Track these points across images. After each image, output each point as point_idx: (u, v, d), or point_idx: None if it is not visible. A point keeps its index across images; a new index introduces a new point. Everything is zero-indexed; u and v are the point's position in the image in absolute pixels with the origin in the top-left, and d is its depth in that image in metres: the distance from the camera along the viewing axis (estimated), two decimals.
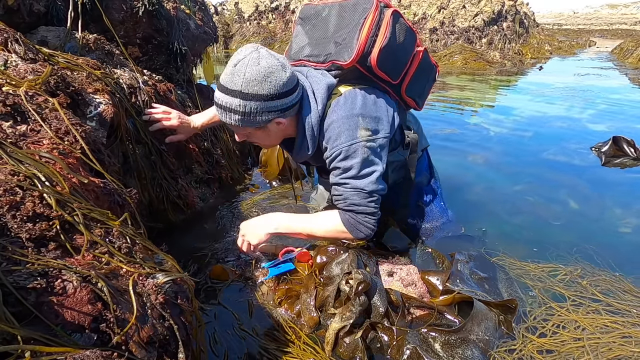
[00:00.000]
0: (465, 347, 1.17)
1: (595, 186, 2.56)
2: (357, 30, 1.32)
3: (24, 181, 0.79)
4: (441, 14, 11.23)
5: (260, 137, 1.38)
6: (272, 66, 1.21)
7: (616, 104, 5.20)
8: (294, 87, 1.29)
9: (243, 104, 1.22)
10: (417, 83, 1.51)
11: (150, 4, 1.97)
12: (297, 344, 1.22)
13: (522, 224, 2.07)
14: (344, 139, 1.31)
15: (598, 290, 1.52)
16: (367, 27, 1.30)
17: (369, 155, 1.33)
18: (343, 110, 1.32)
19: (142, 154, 1.69)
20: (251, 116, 1.25)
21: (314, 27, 1.46)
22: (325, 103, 1.35)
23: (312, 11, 1.48)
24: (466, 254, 1.62)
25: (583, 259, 1.73)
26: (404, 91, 1.49)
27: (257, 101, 1.22)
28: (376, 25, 1.31)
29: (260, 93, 1.21)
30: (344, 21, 1.37)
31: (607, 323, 1.37)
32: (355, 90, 1.36)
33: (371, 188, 1.34)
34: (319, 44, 1.43)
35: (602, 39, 20.50)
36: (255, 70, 1.19)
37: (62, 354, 0.59)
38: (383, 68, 1.36)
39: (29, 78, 1.13)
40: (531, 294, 1.49)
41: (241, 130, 1.35)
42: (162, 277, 0.84)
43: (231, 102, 1.23)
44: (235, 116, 1.25)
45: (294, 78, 1.28)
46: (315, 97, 1.34)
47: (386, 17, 1.32)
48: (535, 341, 1.28)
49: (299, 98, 1.32)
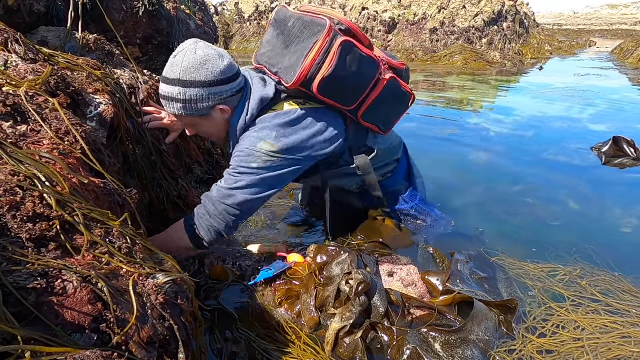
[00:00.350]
0: (465, 347, 1.17)
1: (595, 186, 2.56)
2: (304, 54, 1.30)
3: (24, 181, 0.79)
4: (441, 14, 11.23)
5: (207, 126, 1.41)
6: (208, 54, 1.27)
7: (616, 103, 5.20)
8: (234, 75, 1.33)
9: (183, 91, 1.28)
10: (378, 109, 1.49)
11: (150, 4, 1.97)
12: (297, 344, 1.22)
13: (521, 223, 2.08)
14: (246, 143, 1.35)
15: (597, 290, 1.53)
16: (313, 54, 1.29)
17: (261, 171, 1.34)
18: (263, 123, 1.36)
19: (142, 154, 1.69)
20: (192, 103, 1.29)
21: (278, 36, 1.44)
22: (255, 114, 1.37)
23: (282, 16, 1.44)
24: (466, 253, 1.62)
25: (582, 258, 1.73)
26: (359, 116, 1.48)
27: (195, 87, 1.27)
28: (324, 52, 1.29)
29: (198, 79, 1.26)
30: (300, 38, 1.35)
31: (607, 323, 1.37)
32: (294, 111, 1.38)
33: (240, 199, 1.35)
34: (277, 55, 1.41)
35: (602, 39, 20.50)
36: (192, 59, 1.25)
37: (62, 354, 0.59)
38: (327, 95, 1.35)
39: (29, 78, 1.13)
40: (530, 294, 1.50)
41: (187, 120, 1.39)
42: (162, 277, 0.84)
43: (171, 91, 1.29)
44: (177, 104, 1.30)
45: (233, 67, 1.33)
46: (247, 105, 1.37)
47: (334, 47, 1.29)
48: (535, 341, 1.28)
49: (240, 87, 1.36)
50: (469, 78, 7.59)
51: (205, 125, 1.41)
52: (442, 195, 2.33)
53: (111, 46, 1.77)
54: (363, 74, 1.40)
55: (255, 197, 1.37)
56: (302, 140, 1.38)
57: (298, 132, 1.37)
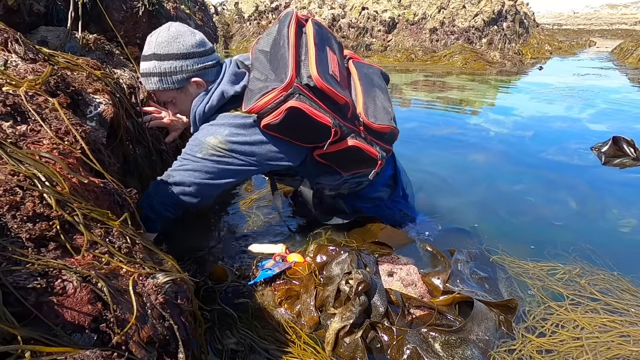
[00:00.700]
0: (465, 347, 1.17)
1: (595, 186, 2.56)
2: (263, 93, 1.31)
3: (24, 181, 0.79)
4: (441, 14, 11.23)
5: (185, 102, 1.45)
6: (180, 30, 1.36)
7: (616, 103, 5.20)
8: (207, 50, 1.40)
9: (158, 65, 1.35)
10: (335, 158, 1.51)
11: (150, 4, 1.97)
12: (298, 343, 1.22)
13: (521, 223, 2.08)
14: (200, 133, 1.41)
15: (597, 290, 1.53)
16: (267, 99, 1.30)
17: (205, 161, 1.38)
18: (221, 120, 1.40)
19: (142, 154, 1.69)
20: (167, 76, 1.37)
21: (274, 45, 1.41)
22: (215, 105, 1.41)
23: (285, 27, 1.41)
24: (466, 252, 1.62)
25: (582, 258, 1.74)
26: (315, 155, 1.49)
27: (169, 60, 1.35)
28: (275, 104, 1.30)
29: (171, 52, 1.34)
30: (275, 69, 1.35)
31: (606, 322, 1.37)
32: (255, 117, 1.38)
33: (178, 179, 1.39)
34: (261, 65, 1.40)
35: (602, 39, 20.50)
36: (166, 34, 1.34)
37: (62, 354, 0.59)
38: (276, 132, 1.38)
39: (29, 78, 1.13)
40: (530, 293, 1.50)
41: (165, 96, 1.45)
42: (162, 277, 0.84)
43: (148, 66, 1.37)
44: (154, 79, 1.38)
45: (205, 43, 1.41)
46: (210, 95, 1.41)
47: (282, 107, 1.29)
48: (534, 341, 1.28)
49: (215, 63, 1.42)
50: (469, 78, 7.59)
51: (183, 101, 1.46)
52: (442, 195, 2.33)
53: (111, 46, 1.77)
54: (315, 135, 1.40)
55: (197, 180, 1.39)
56: (252, 145, 1.39)
57: (251, 136, 1.39)
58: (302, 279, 1.42)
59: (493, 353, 1.20)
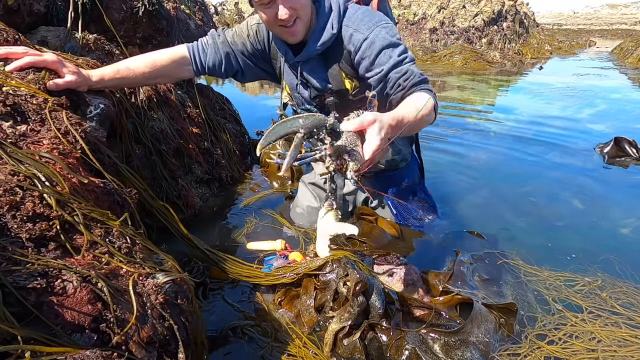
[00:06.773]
0: (464, 349, 1.17)
1: (601, 186, 2.53)
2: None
3: (24, 181, 0.79)
4: (441, 14, 11.23)
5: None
6: None
7: (616, 103, 5.20)
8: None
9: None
10: None
11: (150, 4, 1.97)
12: (297, 344, 1.22)
13: (527, 225, 2.04)
14: (375, 19, 1.40)
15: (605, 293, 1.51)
16: None
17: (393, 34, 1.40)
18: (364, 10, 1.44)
19: (142, 154, 1.69)
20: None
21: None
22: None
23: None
24: (469, 254, 1.61)
25: (581, 257, 1.72)
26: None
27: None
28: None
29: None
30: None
31: (626, 337, 1.29)
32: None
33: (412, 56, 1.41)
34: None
35: (602, 39, 20.49)
36: None
37: (62, 354, 0.59)
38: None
39: (29, 78, 1.13)
40: (542, 299, 1.45)
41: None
42: (162, 277, 0.84)
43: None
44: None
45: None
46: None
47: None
48: (544, 348, 1.24)
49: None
50: (469, 78, 7.58)
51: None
52: (444, 196, 2.32)
53: (111, 46, 1.77)
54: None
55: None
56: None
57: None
58: (301, 279, 1.42)
59: (495, 356, 1.19)
